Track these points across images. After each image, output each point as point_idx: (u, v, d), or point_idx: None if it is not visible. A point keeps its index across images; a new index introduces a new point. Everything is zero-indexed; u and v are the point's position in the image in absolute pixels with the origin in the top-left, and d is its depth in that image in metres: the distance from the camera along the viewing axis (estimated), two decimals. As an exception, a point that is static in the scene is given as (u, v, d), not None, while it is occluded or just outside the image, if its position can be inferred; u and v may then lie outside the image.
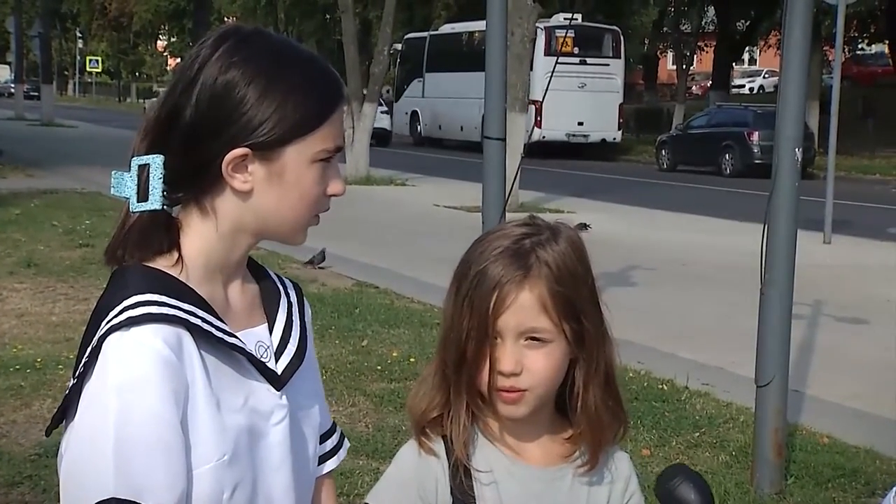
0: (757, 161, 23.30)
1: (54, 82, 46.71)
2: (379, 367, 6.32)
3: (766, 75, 51.51)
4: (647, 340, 7.30)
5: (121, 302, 1.33)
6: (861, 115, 27.23)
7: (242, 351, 1.41)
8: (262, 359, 1.45)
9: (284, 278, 1.61)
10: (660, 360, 6.80)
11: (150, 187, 1.38)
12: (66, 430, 1.34)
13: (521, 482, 1.52)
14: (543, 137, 27.87)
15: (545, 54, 27.17)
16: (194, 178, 1.39)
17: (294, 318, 1.54)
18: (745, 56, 53.74)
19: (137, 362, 1.29)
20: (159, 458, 1.28)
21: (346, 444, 1.70)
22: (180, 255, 1.41)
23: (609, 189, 20.23)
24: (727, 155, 25.52)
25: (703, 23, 42.95)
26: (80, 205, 13.99)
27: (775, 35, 37.14)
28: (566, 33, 28.05)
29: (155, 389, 1.29)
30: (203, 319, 1.36)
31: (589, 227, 12.45)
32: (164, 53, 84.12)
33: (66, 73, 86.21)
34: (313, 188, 1.42)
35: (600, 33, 31.05)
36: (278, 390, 1.45)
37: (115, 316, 1.32)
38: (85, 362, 1.32)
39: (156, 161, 1.38)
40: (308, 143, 1.40)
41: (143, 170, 1.39)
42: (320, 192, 1.44)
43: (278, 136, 1.38)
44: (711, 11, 41.47)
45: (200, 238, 1.42)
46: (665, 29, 46.31)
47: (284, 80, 1.39)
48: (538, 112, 24.97)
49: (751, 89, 51.92)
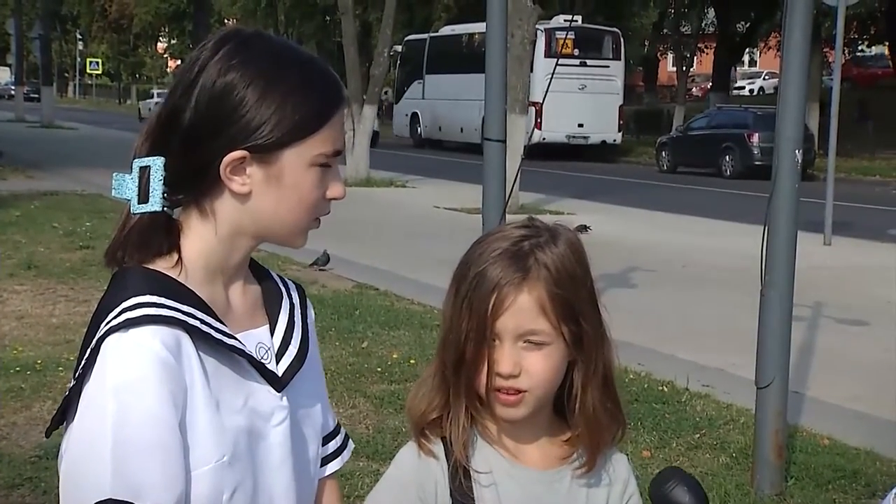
0: (757, 163, 23.30)
1: (54, 84, 46.70)
2: (379, 369, 6.32)
3: (766, 77, 51.54)
4: (647, 342, 7.30)
5: (120, 303, 1.33)
6: (857, 118, 27.21)
7: (242, 352, 1.40)
8: (262, 360, 1.44)
9: (287, 280, 1.60)
10: (660, 362, 6.80)
11: (151, 189, 1.38)
12: (65, 432, 1.35)
13: (521, 484, 1.52)
14: (543, 139, 27.89)
15: (545, 56, 27.17)
16: (194, 180, 1.39)
17: (296, 319, 1.54)
18: (745, 58, 53.79)
19: (135, 364, 1.29)
20: (157, 458, 1.28)
21: (351, 445, 1.69)
22: (180, 256, 1.41)
23: (609, 190, 20.22)
24: (727, 156, 25.51)
25: (703, 24, 42.97)
26: (80, 206, 13.99)
27: (775, 37, 37.14)
28: (566, 35, 28.05)
29: (153, 391, 1.29)
30: (202, 321, 1.36)
31: (589, 228, 12.46)
32: (165, 55, 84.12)
33: (67, 75, 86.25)
34: (312, 191, 1.41)
35: (600, 35, 31.04)
36: (279, 392, 1.45)
37: (114, 317, 1.32)
38: (84, 363, 1.32)
39: (156, 163, 1.38)
40: (307, 146, 1.39)
41: (144, 171, 1.38)
42: (320, 195, 1.43)
43: (277, 138, 1.37)
44: (711, 13, 41.47)
45: (200, 240, 1.42)
46: (665, 31, 46.31)
47: (283, 83, 1.38)
48: (538, 114, 24.99)
49: (751, 91, 51.94)
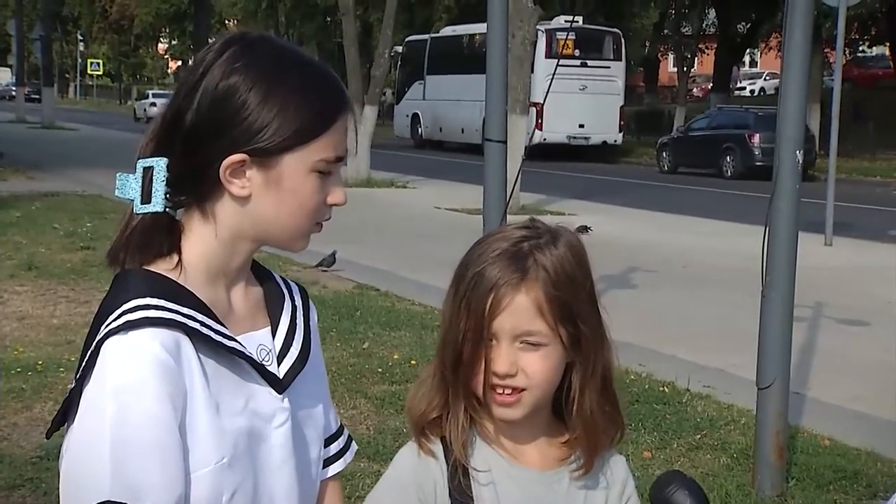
0: (758, 163, 23.31)
1: (55, 85, 46.71)
2: (380, 370, 6.32)
3: (767, 77, 51.54)
4: (647, 342, 7.30)
5: (120, 306, 1.33)
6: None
7: (242, 354, 1.40)
8: (263, 362, 1.44)
9: (290, 281, 1.60)
10: (660, 363, 6.80)
11: (153, 189, 1.38)
12: (66, 433, 1.35)
13: (519, 484, 1.52)
14: (544, 140, 27.90)
15: (546, 57, 27.14)
16: (195, 181, 1.39)
17: (298, 321, 1.53)
18: (746, 58, 53.77)
19: (135, 366, 1.29)
20: (156, 460, 1.28)
21: (354, 447, 1.69)
22: (180, 258, 1.41)
23: (610, 191, 20.22)
24: (728, 157, 25.51)
25: (703, 25, 42.98)
26: (81, 207, 13.99)
27: (776, 37, 37.14)
28: (567, 36, 28.05)
29: (152, 392, 1.29)
30: (202, 323, 1.36)
31: (590, 229, 12.45)
32: (165, 56, 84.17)
33: (67, 75, 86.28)
34: (312, 197, 1.41)
35: (601, 36, 31.04)
36: (280, 393, 1.45)
37: (114, 320, 1.32)
38: (84, 365, 1.33)
39: (159, 164, 1.38)
40: (308, 151, 1.39)
41: (148, 172, 1.39)
42: (320, 200, 1.42)
43: (277, 143, 1.37)
44: (712, 14, 41.47)
45: (201, 242, 1.42)
46: (666, 31, 46.31)
47: (286, 88, 1.38)
48: (539, 114, 25.00)
49: (751, 91, 51.94)
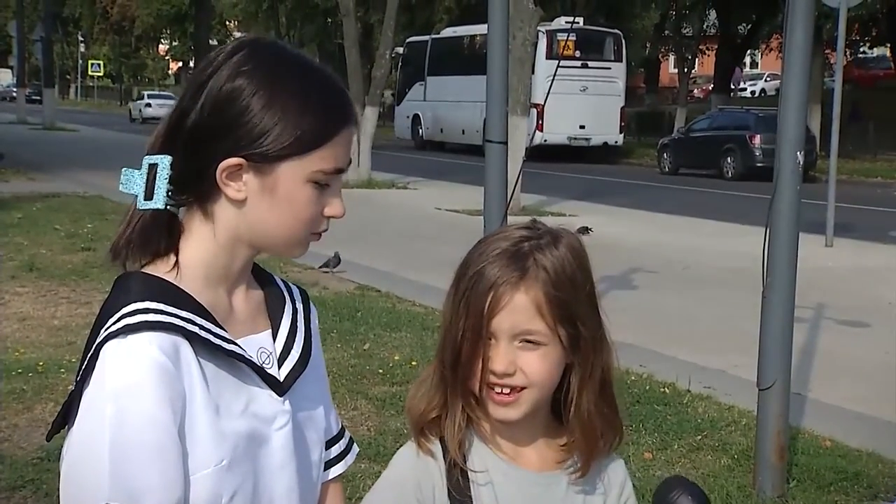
0: (758, 164, 23.31)
1: (56, 86, 46.75)
2: (381, 371, 6.32)
3: (768, 78, 51.55)
4: (648, 343, 7.30)
5: (120, 309, 1.34)
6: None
7: (241, 358, 1.41)
8: (263, 365, 1.45)
9: (291, 284, 1.60)
10: (661, 363, 6.80)
11: (156, 187, 1.39)
12: (67, 435, 1.35)
13: (518, 485, 1.52)
14: (545, 141, 27.90)
15: (546, 58, 27.15)
16: (195, 181, 1.39)
17: (299, 323, 1.54)
18: (747, 59, 53.79)
19: (133, 369, 1.29)
20: (155, 462, 1.29)
21: (356, 449, 1.70)
22: (177, 259, 1.41)
23: (611, 192, 20.22)
24: (729, 158, 25.52)
25: (704, 26, 42.98)
26: (81, 208, 14.00)
27: (777, 38, 37.16)
28: (567, 37, 28.05)
29: (151, 395, 1.29)
30: (201, 327, 1.36)
31: (591, 230, 12.46)
32: (166, 57, 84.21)
33: (68, 76, 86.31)
34: (307, 206, 1.40)
35: (602, 37, 31.05)
36: (280, 396, 1.45)
37: (114, 323, 1.33)
38: (84, 368, 1.33)
39: (163, 161, 1.39)
40: (305, 161, 1.38)
41: (152, 169, 1.39)
42: (315, 211, 1.42)
43: (275, 150, 1.37)
44: (713, 15, 41.48)
45: (201, 243, 1.42)
46: (666, 32, 46.32)
47: (290, 95, 1.37)
48: (540, 115, 24.99)
49: (752, 92, 51.95)
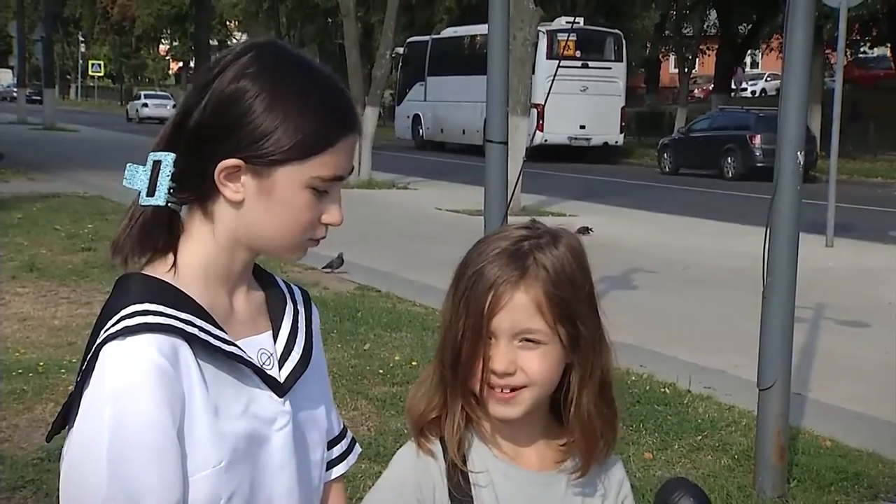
0: (759, 164, 23.32)
1: (56, 86, 46.76)
2: (381, 371, 6.32)
3: (768, 78, 51.55)
4: (648, 343, 7.30)
5: (120, 310, 1.34)
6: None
7: (241, 359, 1.41)
8: (263, 366, 1.45)
9: (293, 285, 1.60)
10: (662, 364, 6.80)
11: (159, 184, 1.39)
12: (67, 436, 1.35)
13: (518, 485, 1.52)
14: (545, 141, 27.91)
15: (547, 58, 27.15)
16: (196, 180, 1.39)
17: (300, 324, 1.54)
18: (748, 59, 53.78)
19: (132, 370, 1.30)
20: (153, 463, 1.29)
21: (358, 449, 1.69)
22: (175, 259, 1.41)
23: (611, 192, 20.22)
24: (729, 158, 25.52)
25: (704, 26, 42.99)
26: (82, 209, 14.00)
27: (777, 38, 37.16)
28: (568, 37, 28.05)
29: (149, 397, 1.29)
30: (200, 328, 1.36)
31: (591, 230, 12.46)
32: (166, 57, 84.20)
33: (69, 77, 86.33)
34: (303, 212, 1.40)
35: (602, 37, 31.06)
36: (281, 397, 1.45)
37: (113, 325, 1.33)
38: (84, 369, 1.33)
39: (167, 159, 1.39)
40: (304, 166, 1.38)
41: (156, 166, 1.40)
42: (313, 216, 1.41)
43: (273, 154, 1.36)
44: (713, 15, 41.49)
45: (200, 244, 1.42)
46: (667, 32, 46.32)
47: (293, 101, 1.37)
48: (540, 115, 25.01)
49: (753, 92, 51.96)
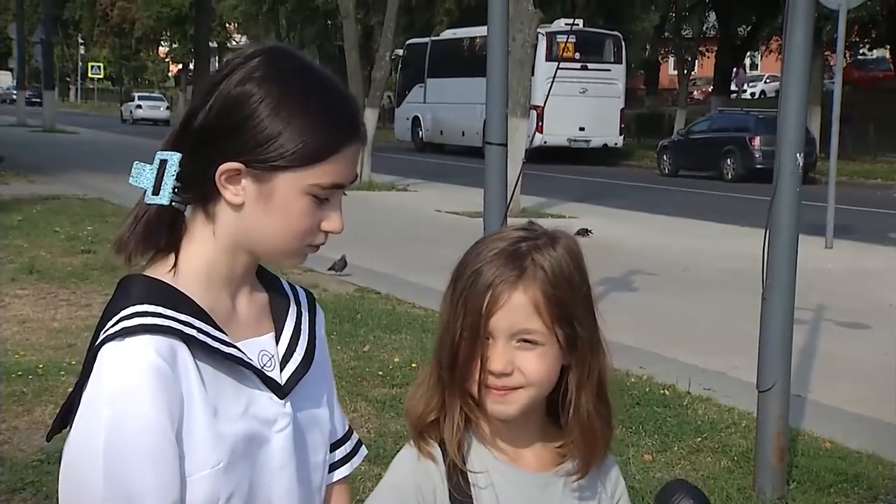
0: (758, 166, 23.32)
1: (56, 88, 46.75)
2: (380, 373, 6.31)
3: (768, 80, 51.56)
4: (648, 345, 7.30)
5: (120, 311, 1.35)
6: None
7: (240, 361, 1.41)
8: (264, 367, 1.45)
9: (297, 286, 1.60)
10: (661, 365, 6.79)
11: (164, 183, 1.40)
12: (67, 436, 1.36)
13: (517, 486, 1.52)
14: (545, 142, 27.92)
15: (546, 59, 27.17)
16: (198, 181, 1.40)
17: (303, 326, 1.54)
18: (747, 61, 53.80)
19: (130, 372, 1.30)
20: (150, 465, 1.29)
21: (363, 451, 1.70)
22: (177, 259, 1.42)
23: (610, 194, 20.22)
24: (728, 160, 25.53)
25: (704, 28, 43.03)
26: (81, 211, 13.97)
27: (777, 40, 37.18)
28: (567, 38, 28.06)
29: (147, 398, 1.29)
30: (199, 330, 1.37)
31: (590, 232, 12.46)
32: (166, 59, 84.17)
33: (68, 79, 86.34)
34: (302, 219, 1.40)
35: (601, 38, 31.07)
36: (281, 398, 1.45)
37: (112, 326, 1.33)
38: (83, 370, 1.34)
39: (173, 158, 1.41)
40: (304, 174, 1.38)
41: (163, 164, 1.41)
42: (311, 223, 1.41)
43: (275, 159, 1.36)
44: (713, 16, 41.51)
45: (202, 245, 1.43)
46: (666, 34, 46.34)
47: (297, 107, 1.37)
48: (539, 117, 25.05)
49: (752, 94, 51.97)
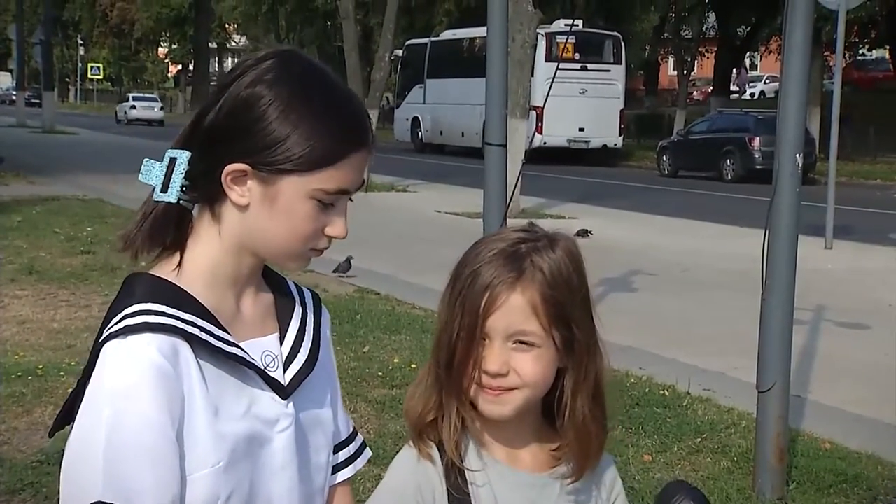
0: (758, 166, 23.33)
1: (56, 89, 46.74)
2: (380, 374, 6.31)
3: (767, 81, 51.57)
4: (648, 346, 7.30)
5: (123, 310, 1.35)
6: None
7: (242, 360, 1.41)
8: (267, 368, 1.45)
9: (303, 287, 1.60)
10: (661, 366, 6.80)
11: (172, 180, 1.41)
12: (69, 434, 1.36)
13: (514, 486, 1.53)
14: (544, 143, 27.92)
15: (546, 60, 27.18)
16: (205, 181, 1.41)
17: (307, 327, 1.54)
18: (746, 61, 53.81)
19: (131, 370, 1.30)
20: (150, 464, 1.29)
21: (367, 453, 1.70)
22: (181, 259, 1.42)
23: (610, 195, 20.22)
24: (728, 160, 25.54)
25: (703, 28, 43.03)
26: (81, 212, 13.95)
27: (776, 40, 37.20)
28: (567, 39, 28.07)
29: (148, 397, 1.30)
30: (202, 329, 1.37)
31: (590, 233, 12.46)
32: (166, 60, 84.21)
33: (68, 80, 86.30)
34: (305, 223, 1.40)
35: (601, 39, 31.07)
36: (284, 399, 1.45)
37: (115, 324, 1.34)
38: (86, 367, 1.34)
39: (182, 156, 1.41)
40: (309, 178, 1.38)
41: (172, 163, 1.42)
42: (315, 228, 1.42)
43: (281, 162, 1.37)
44: (712, 17, 41.53)
45: (207, 245, 1.43)
46: (666, 34, 46.34)
47: (306, 111, 1.38)
48: (539, 118, 25.03)
49: (752, 94, 51.98)
